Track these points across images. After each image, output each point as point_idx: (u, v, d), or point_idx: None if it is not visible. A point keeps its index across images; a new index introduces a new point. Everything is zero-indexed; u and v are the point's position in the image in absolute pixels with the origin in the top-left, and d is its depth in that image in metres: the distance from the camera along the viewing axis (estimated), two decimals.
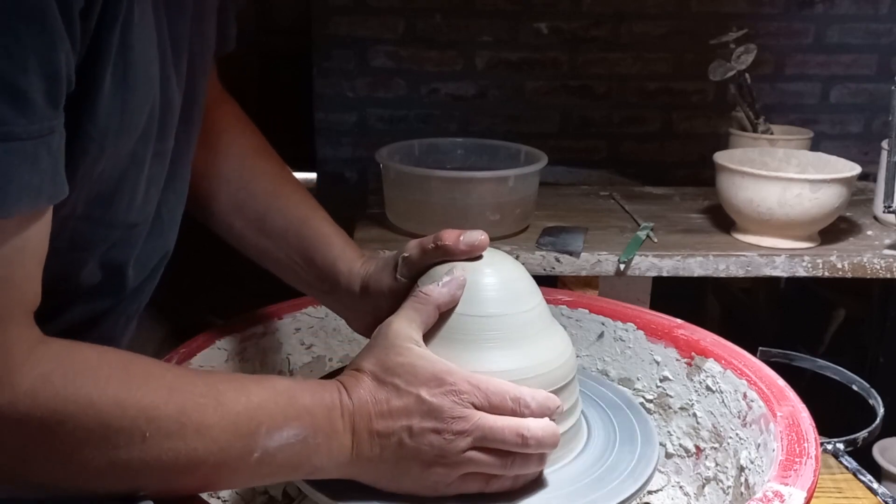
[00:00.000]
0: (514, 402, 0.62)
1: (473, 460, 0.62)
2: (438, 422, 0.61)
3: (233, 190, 0.85)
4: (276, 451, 0.59)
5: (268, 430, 0.58)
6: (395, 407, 0.61)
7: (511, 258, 0.74)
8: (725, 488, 0.81)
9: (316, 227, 0.84)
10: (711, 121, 2.29)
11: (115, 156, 0.59)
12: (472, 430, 0.61)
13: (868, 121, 2.36)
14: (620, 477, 0.70)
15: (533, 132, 2.25)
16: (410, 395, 0.61)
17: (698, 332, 0.88)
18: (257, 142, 0.89)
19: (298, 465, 0.61)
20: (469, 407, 0.61)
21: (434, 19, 2.24)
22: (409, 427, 0.61)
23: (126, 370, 0.56)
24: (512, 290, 0.70)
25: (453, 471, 0.62)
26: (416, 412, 0.61)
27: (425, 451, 0.61)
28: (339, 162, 2.34)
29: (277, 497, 0.85)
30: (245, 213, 0.85)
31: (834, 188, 1.37)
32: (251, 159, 0.87)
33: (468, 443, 0.61)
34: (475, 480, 0.63)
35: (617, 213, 1.63)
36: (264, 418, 0.58)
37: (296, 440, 0.59)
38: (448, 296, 0.67)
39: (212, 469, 0.58)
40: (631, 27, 2.27)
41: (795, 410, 0.74)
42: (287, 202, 0.85)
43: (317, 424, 0.60)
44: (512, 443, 0.62)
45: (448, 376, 0.62)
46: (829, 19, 2.28)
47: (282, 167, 0.88)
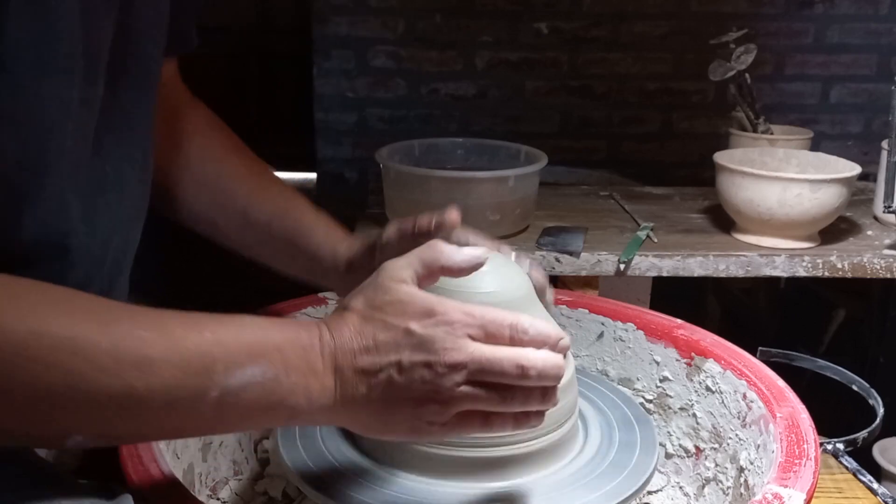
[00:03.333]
0: (512, 328, 0.58)
1: (470, 395, 0.57)
2: (430, 354, 0.56)
3: (211, 192, 0.87)
4: (240, 390, 0.55)
5: (226, 368, 0.54)
6: (381, 342, 0.57)
7: (513, 264, 0.74)
8: (725, 489, 0.81)
9: (297, 218, 0.86)
10: (711, 121, 2.29)
11: (38, 97, 0.56)
12: (467, 361, 0.56)
13: (868, 121, 2.36)
14: (620, 477, 0.70)
15: (533, 132, 2.25)
16: (398, 328, 0.57)
17: (698, 333, 0.88)
18: (229, 141, 0.91)
19: (271, 407, 0.56)
20: (463, 337, 0.57)
21: (434, 19, 2.24)
22: (399, 362, 0.56)
23: (56, 302, 0.53)
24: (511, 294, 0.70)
25: (449, 408, 0.58)
26: (406, 345, 0.57)
27: (417, 388, 0.57)
28: (339, 162, 2.34)
29: (277, 497, 0.85)
30: (227, 213, 0.87)
31: (834, 188, 1.37)
32: (225, 160, 0.89)
33: (463, 376, 0.57)
34: (473, 420, 0.59)
35: (617, 213, 1.63)
36: (220, 354, 0.54)
37: (263, 378, 0.55)
38: (457, 265, 0.61)
39: (160, 411, 0.54)
40: (631, 27, 2.26)
41: (795, 411, 0.74)
42: (265, 196, 0.87)
43: (289, 362, 0.56)
44: (511, 374, 0.57)
45: (439, 306, 0.57)
46: (829, 19, 2.28)
47: (256, 163, 0.91)
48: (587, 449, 0.74)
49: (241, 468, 0.88)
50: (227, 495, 0.85)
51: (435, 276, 0.62)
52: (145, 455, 0.66)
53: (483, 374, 0.57)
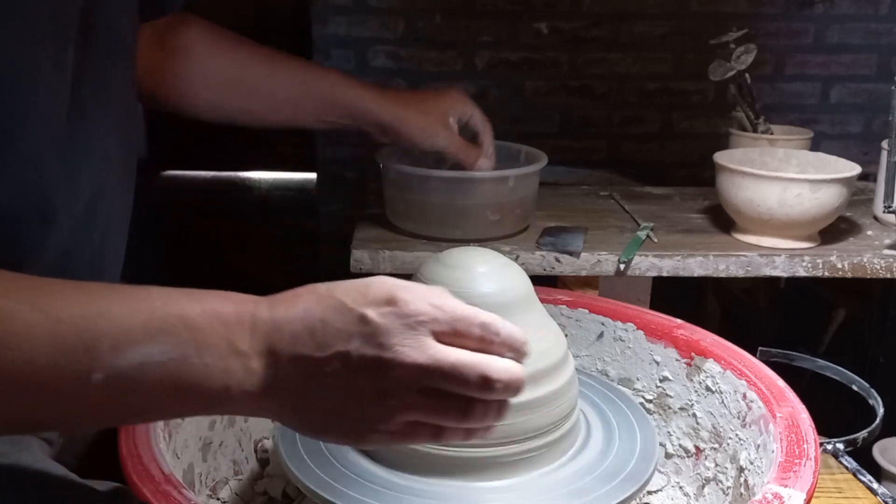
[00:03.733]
0: (483, 328, 0.50)
1: (424, 406, 0.50)
2: (384, 350, 0.48)
3: (244, 95, 1.02)
4: (134, 373, 0.47)
5: (114, 346, 0.47)
6: (331, 328, 0.49)
7: (511, 263, 0.74)
8: (725, 489, 0.81)
9: (327, 83, 1.10)
10: (711, 121, 2.29)
11: (6, 59, 0.55)
12: (428, 364, 0.48)
13: (868, 121, 2.36)
14: (620, 477, 0.70)
15: (533, 132, 2.25)
16: (353, 313, 0.49)
17: (698, 333, 0.88)
18: (232, 42, 1.02)
19: (180, 392, 0.49)
20: (426, 334, 0.49)
21: (434, 19, 2.24)
22: (347, 353, 0.48)
23: None
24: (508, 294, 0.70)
25: (399, 415, 0.50)
26: (357, 335, 0.48)
27: (363, 386, 0.49)
28: (339, 162, 2.34)
29: (277, 497, 0.85)
30: (273, 108, 1.05)
31: (834, 188, 1.37)
32: (237, 59, 1.02)
33: (419, 382, 0.49)
34: (424, 431, 0.52)
35: (617, 213, 1.63)
36: (107, 329, 0.47)
37: (166, 359, 0.47)
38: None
39: (33, 394, 0.47)
40: (631, 27, 2.26)
41: (795, 411, 0.74)
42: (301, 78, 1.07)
43: (202, 341, 0.48)
44: (474, 385, 0.49)
45: (403, 293, 0.49)
46: (829, 19, 2.28)
47: (262, 47, 1.04)
48: (587, 449, 0.74)
49: (240, 468, 0.88)
50: (227, 495, 0.85)
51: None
52: (145, 455, 0.66)
53: (443, 382, 0.49)
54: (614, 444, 0.74)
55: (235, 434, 0.87)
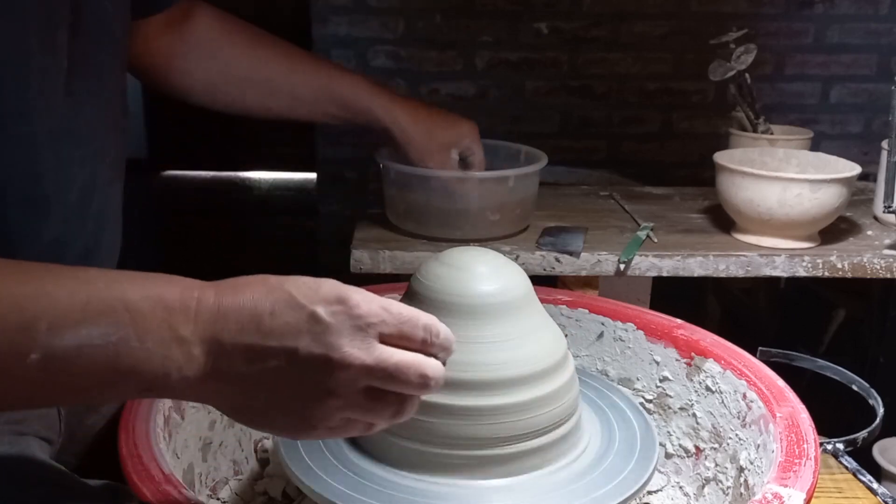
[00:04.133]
0: (426, 330, 0.52)
1: (364, 404, 0.51)
2: (332, 350, 0.49)
3: (258, 87, 1.03)
4: (72, 354, 0.47)
5: (51, 326, 0.47)
6: (280, 321, 0.49)
7: (511, 263, 0.74)
8: (725, 489, 0.81)
9: (343, 86, 1.11)
10: (711, 121, 2.29)
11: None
12: (373, 364, 0.49)
13: (868, 121, 2.36)
14: (620, 477, 0.70)
15: (533, 132, 2.25)
16: (304, 309, 0.49)
17: (698, 333, 0.88)
18: (246, 35, 1.04)
19: (118, 376, 0.49)
20: (373, 336, 0.50)
21: (434, 19, 2.24)
22: (294, 350, 0.49)
23: None
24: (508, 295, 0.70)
25: (339, 413, 0.51)
26: (307, 332, 0.49)
27: (309, 384, 0.49)
28: (339, 162, 2.34)
29: (277, 497, 0.85)
30: (278, 99, 1.06)
31: (834, 188, 1.37)
32: (251, 52, 1.03)
33: (363, 381, 0.50)
34: (354, 427, 0.53)
35: (617, 213, 1.63)
36: (45, 309, 0.47)
37: (103, 342, 0.47)
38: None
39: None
40: (631, 27, 2.26)
41: (795, 411, 0.74)
42: (308, 75, 1.08)
43: (143, 325, 0.48)
44: (414, 383, 0.51)
45: (355, 294, 0.50)
46: (829, 19, 2.28)
47: (283, 43, 1.07)
48: (587, 449, 0.74)
49: (240, 468, 0.88)
50: (226, 495, 0.85)
51: None
52: (145, 455, 0.65)
53: (386, 382, 0.50)
54: (614, 444, 0.74)
55: (235, 434, 0.87)
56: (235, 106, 1.04)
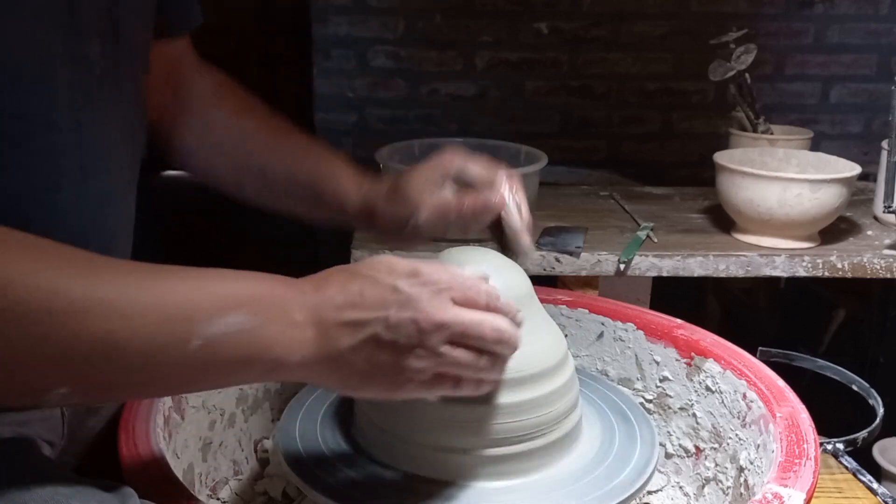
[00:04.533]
0: (487, 295, 0.61)
1: (451, 356, 0.59)
2: (417, 312, 0.57)
3: (233, 157, 0.90)
4: (222, 340, 0.54)
5: (208, 316, 0.54)
6: (369, 298, 0.58)
7: (512, 263, 0.74)
8: (725, 489, 0.81)
9: (324, 166, 0.90)
10: (711, 121, 2.29)
11: (25, 43, 0.56)
12: (451, 322, 0.58)
13: (868, 121, 2.36)
14: (620, 477, 0.70)
15: (533, 132, 2.25)
16: (386, 286, 0.58)
17: (698, 333, 0.88)
18: (243, 101, 0.93)
19: (252, 359, 0.56)
20: (447, 299, 0.59)
21: (434, 19, 2.24)
22: (386, 317, 0.57)
23: (29, 245, 0.52)
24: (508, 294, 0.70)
25: (429, 364, 0.59)
26: (393, 303, 0.57)
27: (402, 343, 0.58)
28: None
29: (277, 497, 0.85)
30: (251, 173, 0.90)
31: (834, 188, 1.37)
32: (239, 119, 0.91)
33: (446, 336, 0.58)
34: (446, 381, 0.61)
35: (617, 213, 1.63)
36: (202, 302, 0.54)
37: (243, 328, 0.55)
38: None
39: (141, 359, 0.52)
40: (631, 27, 2.26)
41: (795, 411, 0.74)
42: (283, 154, 0.90)
43: (267, 313, 0.56)
44: (489, 338, 0.60)
45: (424, 267, 0.60)
46: (829, 19, 2.28)
47: (271, 118, 0.92)
48: (587, 448, 0.74)
49: (240, 468, 0.88)
50: (226, 495, 0.85)
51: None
52: (145, 454, 0.66)
53: (464, 337, 0.59)
54: (614, 444, 0.74)
55: (235, 434, 0.87)
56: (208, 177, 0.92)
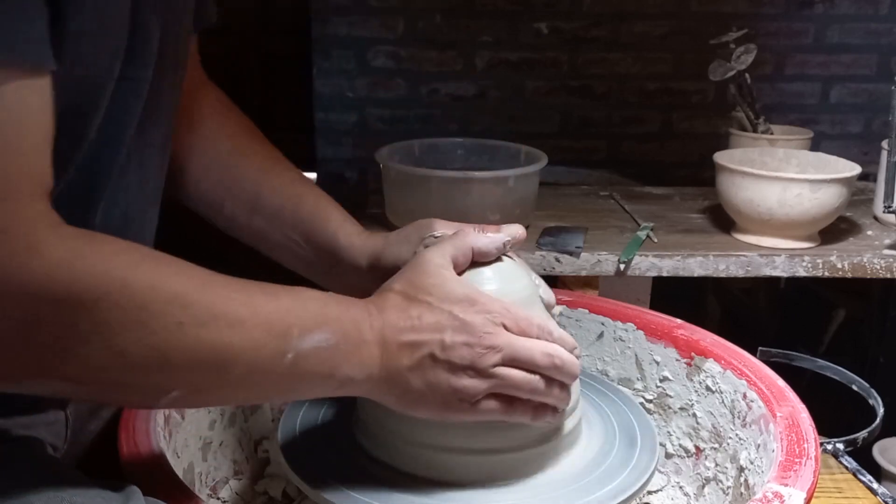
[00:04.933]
0: (540, 329, 0.64)
1: (502, 375, 0.62)
2: (471, 335, 0.61)
3: (223, 171, 0.84)
4: (309, 354, 0.59)
5: (300, 332, 0.58)
6: (426, 322, 0.62)
7: (517, 263, 0.74)
8: (725, 488, 0.81)
9: (312, 203, 0.83)
10: (711, 121, 2.29)
11: (92, 67, 0.58)
12: (504, 346, 0.62)
13: (868, 121, 2.36)
14: (620, 477, 0.70)
15: (533, 132, 2.25)
16: (443, 311, 0.62)
17: (698, 332, 0.88)
18: (244, 124, 0.89)
19: (330, 372, 0.60)
20: (500, 325, 0.62)
21: (434, 19, 2.24)
22: (442, 340, 0.61)
23: (156, 259, 0.55)
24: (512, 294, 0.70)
25: (482, 385, 0.62)
26: (449, 327, 0.61)
27: (456, 364, 0.61)
28: (339, 162, 2.34)
29: (277, 497, 0.85)
30: (236, 194, 0.84)
31: (834, 188, 1.37)
32: (240, 140, 0.87)
33: (498, 358, 0.62)
34: (499, 403, 0.64)
35: (617, 213, 1.63)
36: (295, 320, 0.58)
37: (327, 345, 0.59)
38: (487, 246, 0.68)
39: (245, 368, 0.57)
40: (631, 27, 2.26)
41: (795, 411, 0.74)
42: (281, 180, 0.85)
43: (346, 332, 0.60)
44: (540, 362, 0.63)
45: (479, 296, 0.63)
46: (829, 19, 2.28)
47: (271, 147, 0.88)
48: (587, 449, 0.74)
49: (241, 468, 0.88)
50: (227, 495, 0.85)
51: (468, 260, 0.68)
52: (146, 453, 0.66)
53: (515, 360, 0.62)
54: (614, 445, 0.74)
55: (235, 434, 0.87)
56: (191, 191, 0.87)
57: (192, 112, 0.83)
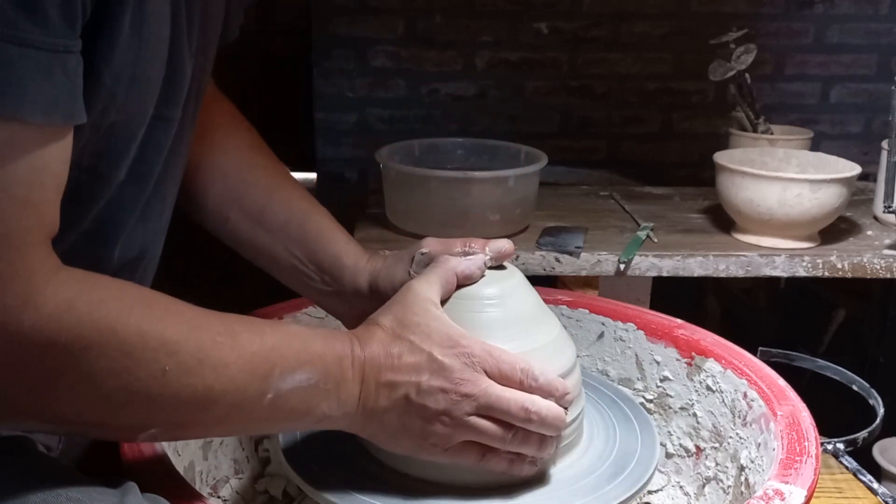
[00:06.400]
0: (523, 373, 0.63)
1: (475, 426, 0.62)
2: (447, 381, 0.61)
3: (230, 182, 0.84)
4: (289, 394, 0.59)
5: (281, 372, 0.58)
6: (406, 363, 0.62)
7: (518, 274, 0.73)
8: (726, 488, 0.81)
9: (318, 221, 0.83)
10: (711, 121, 2.29)
11: (125, 112, 0.59)
12: (479, 395, 0.61)
13: (868, 121, 2.36)
14: (620, 477, 0.70)
15: (533, 132, 2.25)
16: (423, 352, 0.62)
17: (698, 332, 0.88)
18: (253, 137, 0.88)
19: (308, 410, 0.61)
20: (479, 372, 0.62)
21: (434, 19, 2.24)
22: (418, 383, 0.61)
23: (147, 303, 0.56)
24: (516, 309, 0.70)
25: (454, 433, 0.62)
26: (426, 369, 0.61)
27: (430, 409, 0.61)
28: (339, 162, 2.34)
29: (277, 497, 0.85)
30: (242, 206, 0.83)
31: (834, 188, 1.37)
32: (248, 153, 0.86)
33: (473, 407, 0.61)
34: (472, 451, 0.64)
35: (617, 213, 1.63)
36: (278, 360, 0.59)
37: (307, 384, 0.60)
38: (469, 269, 0.68)
39: (226, 408, 0.58)
40: (631, 27, 2.26)
41: (796, 410, 0.74)
42: (287, 195, 0.84)
43: (328, 370, 0.60)
44: (516, 415, 0.62)
45: (462, 339, 0.62)
46: (829, 19, 2.28)
47: (279, 163, 0.88)
48: (588, 449, 0.74)
49: (241, 467, 0.88)
50: (227, 494, 0.85)
51: (453, 287, 0.68)
52: (146, 451, 0.66)
53: (491, 410, 0.62)
54: (615, 445, 0.74)
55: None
56: (197, 203, 0.85)
57: (204, 125, 0.82)
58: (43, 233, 0.52)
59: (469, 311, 0.68)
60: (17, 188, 0.50)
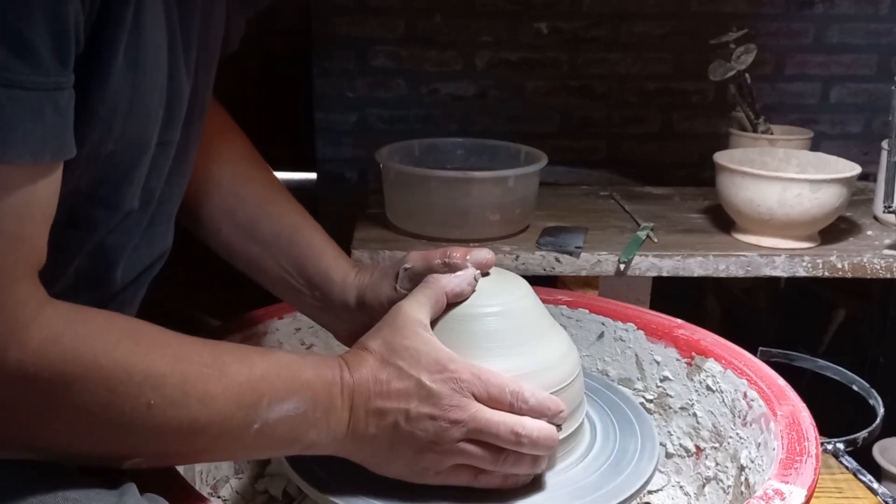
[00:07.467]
0: (513, 396, 0.62)
1: (465, 451, 0.62)
2: (435, 408, 0.61)
3: (223, 195, 0.84)
4: (276, 423, 0.59)
5: (269, 402, 0.58)
6: (394, 389, 0.62)
7: (517, 277, 0.73)
8: (726, 488, 0.81)
9: (308, 236, 0.83)
10: (711, 121, 2.29)
11: (123, 140, 0.59)
12: (468, 420, 0.61)
13: (868, 121, 2.36)
14: (620, 477, 0.70)
15: (533, 132, 2.25)
16: (411, 378, 0.61)
17: (698, 332, 0.88)
18: (247, 150, 0.88)
19: (296, 438, 0.61)
20: (468, 396, 0.62)
21: (434, 19, 2.24)
22: (407, 410, 0.61)
23: (134, 336, 0.56)
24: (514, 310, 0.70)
25: (444, 459, 0.62)
26: (415, 396, 0.61)
27: (419, 436, 0.61)
28: (339, 162, 2.34)
29: (277, 496, 0.85)
30: (235, 219, 0.83)
31: (834, 188, 1.37)
32: (242, 166, 0.86)
33: (462, 433, 0.61)
34: (464, 473, 0.64)
35: (617, 213, 1.63)
36: (266, 390, 0.59)
37: (296, 413, 0.60)
38: (459, 287, 0.68)
39: (212, 438, 0.58)
40: (631, 27, 2.26)
41: (796, 409, 0.74)
42: (279, 209, 0.84)
43: (317, 399, 0.60)
44: (505, 439, 0.62)
45: (450, 363, 0.62)
46: (829, 19, 2.28)
47: (272, 176, 0.88)
48: (588, 449, 0.74)
49: (241, 467, 0.88)
50: (227, 494, 0.85)
51: (443, 306, 0.67)
52: None
53: (480, 434, 0.62)
54: (615, 445, 0.74)
55: None
56: (190, 213, 0.84)
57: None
58: (30, 265, 0.52)
59: (470, 324, 0.68)
60: (7, 223, 0.50)
